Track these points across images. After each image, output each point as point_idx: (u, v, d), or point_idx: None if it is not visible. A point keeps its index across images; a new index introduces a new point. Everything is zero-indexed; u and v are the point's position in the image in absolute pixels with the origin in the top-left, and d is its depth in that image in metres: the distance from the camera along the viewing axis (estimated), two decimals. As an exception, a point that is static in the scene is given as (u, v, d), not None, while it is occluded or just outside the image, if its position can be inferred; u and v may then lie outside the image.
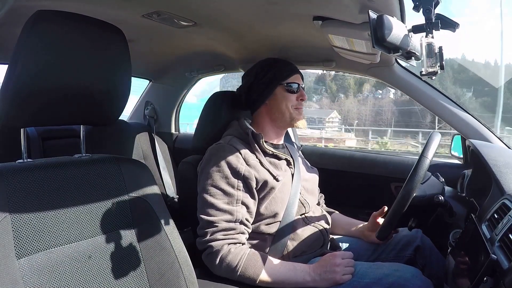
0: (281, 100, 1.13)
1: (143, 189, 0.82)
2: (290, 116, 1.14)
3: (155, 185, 0.86)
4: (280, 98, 1.13)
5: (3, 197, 0.64)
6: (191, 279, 0.82)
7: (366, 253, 1.18)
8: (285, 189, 1.08)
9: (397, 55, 0.77)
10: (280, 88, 1.13)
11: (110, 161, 0.81)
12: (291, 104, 1.13)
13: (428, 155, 0.92)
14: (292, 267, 0.99)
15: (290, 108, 1.13)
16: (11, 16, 0.95)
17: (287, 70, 1.15)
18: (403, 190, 0.92)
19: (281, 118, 1.15)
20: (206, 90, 2.63)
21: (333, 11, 1.00)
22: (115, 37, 0.77)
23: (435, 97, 1.34)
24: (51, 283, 0.66)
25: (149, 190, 0.83)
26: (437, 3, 0.70)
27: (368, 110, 35.90)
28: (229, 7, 1.07)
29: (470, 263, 0.74)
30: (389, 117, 32.05)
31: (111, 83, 0.78)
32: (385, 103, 34.73)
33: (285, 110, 1.13)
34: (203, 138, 1.21)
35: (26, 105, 0.68)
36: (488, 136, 1.28)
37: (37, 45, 0.65)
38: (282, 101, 1.13)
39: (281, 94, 1.13)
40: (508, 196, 0.80)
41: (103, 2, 1.02)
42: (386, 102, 34.79)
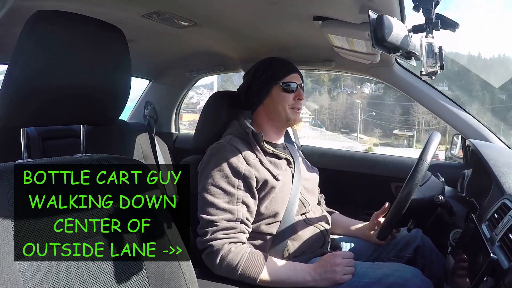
0: (277, 100, 1.12)
1: (143, 189, 0.82)
2: (286, 116, 1.13)
3: (155, 185, 0.86)
4: (276, 98, 1.13)
5: (3, 197, 0.63)
6: (191, 279, 0.82)
7: (366, 253, 1.18)
8: (285, 188, 1.08)
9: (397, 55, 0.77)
10: (277, 88, 1.13)
11: (110, 161, 0.81)
12: (288, 104, 1.12)
13: (426, 159, 0.92)
14: (292, 266, 0.99)
15: (287, 108, 1.12)
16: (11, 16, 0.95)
17: (284, 69, 1.14)
18: (401, 193, 0.92)
19: (278, 118, 1.14)
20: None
21: (333, 11, 1.00)
22: (115, 37, 0.76)
23: (435, 97, 1.34)
24: (51, 283, 0.65)
25: (149, 190, 0.83)
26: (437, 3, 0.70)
27: (339, 105, 36.82)
28: (229, 7, 1.07)
29: (470, 263, 0.74)
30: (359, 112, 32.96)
31: (111, 83, 0.78)
32: (357, 98, 35.81)
33: (281, 110, 1.12)
34: (203, 138, 1.21)
35: (26, 105, 0.68)
36: (488, 136, 1.28)
37: (37, 45, 0.65)
38: (278, 101, 1.12)
39: (277, 94, 1.13)
40: (508, 196, 0.80)
41: (103, 2, 1.02)
42: (358, 97, 35.85)
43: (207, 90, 16.14)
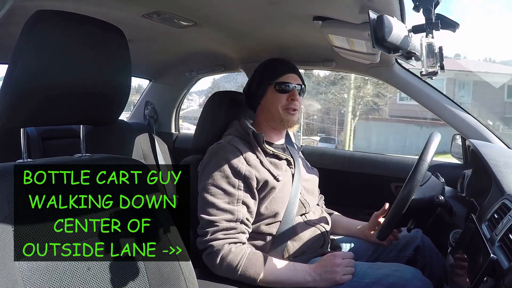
0: (271, 101, 1.12)
1: (143, 189, 0.82)
2: (279, 117, 1.12)
3: (155, 185, 0.86)
4: (271, 99, 1.12)
5: (3, 197, 0.63)
6: (191, 279, 0.82)
7: (366, 253, 1.18)
8: (285, 189, 1.08)
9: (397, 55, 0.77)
10: (271, 88, 1.13)
11: (110, 161, 0.81)
12: (281, 105, 1.11)
13: (426, 159, 0.92)
14: (292, 267, 0.99)
15: (279, 108, 1.11)
16: (11, 16, 0.95)
17: (279, 69, 1.14)
18: (401, 193, 0.92)
19: (273, 119, 1.14)
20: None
21: (333, 11, 1.00)
22: (115, 37, 0.76)
23: (435, 97, 1.34)
24: (51, 283, 0.65)
25: (149, 190, 0.83)
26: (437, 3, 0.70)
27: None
28: (229, 7, 1.07)
29: (470, 263, 0.74)
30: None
31: (111, 83, 0.77)
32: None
33: (275, 111, 1.12)
34: (203, 138, 1.21)
35: (26, 105, 0.68)
36: (488, 136, 1.28)
37: (37, 45, 0.65)
38: (272, 102, 1.12)
39: (272, 95, 1.12)
40: (508, 196, 0.79)
41: (103, 2, 1.02)
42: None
43: (198, 96, 16.18)
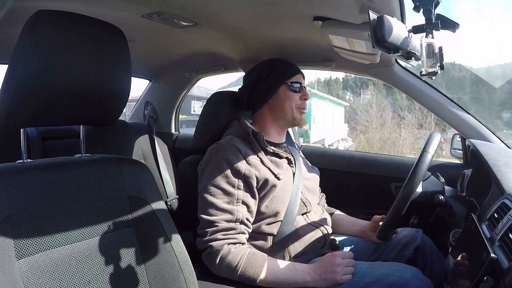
0: (285, 100, 1.15)
1: (143, 189, 0.82)
2: (292, 115, 1.16)
3: (155, 185, 0.86)
4: (284, 98, 1.15)
5: (3, 197, 0.63)
6: (191, 279, 0.82)
7: (366, 253, 1.18)
8: (286, 187, 1.08)
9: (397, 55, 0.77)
10: (284, 88, 1.15)
11: (110, 161, 0.81)
12: (295, 103, 1.15)
13: (430, 150, 0.92)
14: (292, 267, 0.99)
15: (294, 107, 1.15)
16: (11, 16, 0.95)
17: (290, 70, 1.17)
18: (406, 186, 0.92)
19: (284, 117, 1.16)
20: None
21: (333, 11, 1.00)
22: (115, 37, 0.76)
23: (435, 97, 1.34)
24: (51, 284, 0.65)
25: (149, 190, 0.83)
26: (437, 4, 0.70)
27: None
28: (229, 7, 1.07)
29: (470, 263, 0.74)
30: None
31: (111, 83, 0.78)
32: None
33: (288, 109, 1.15)
34: (203, 138, 1.21)
35: (26, 105, 0.68)
36: (488, 136, 1.28)
37: (37, 45, 0.65)
38: (285, 101, 1.15)
39: (285, 94, 1.15)
40: (508, 196, 0.80)
41: (103, 2, 1.02)
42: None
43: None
